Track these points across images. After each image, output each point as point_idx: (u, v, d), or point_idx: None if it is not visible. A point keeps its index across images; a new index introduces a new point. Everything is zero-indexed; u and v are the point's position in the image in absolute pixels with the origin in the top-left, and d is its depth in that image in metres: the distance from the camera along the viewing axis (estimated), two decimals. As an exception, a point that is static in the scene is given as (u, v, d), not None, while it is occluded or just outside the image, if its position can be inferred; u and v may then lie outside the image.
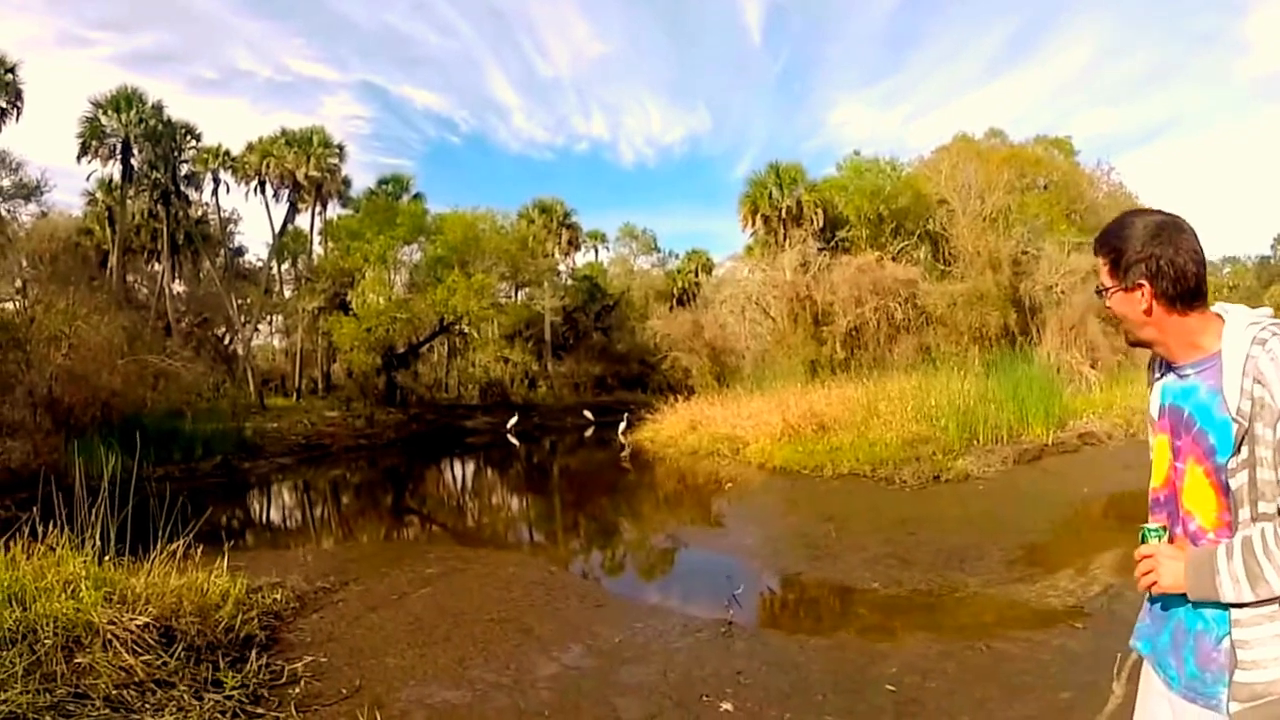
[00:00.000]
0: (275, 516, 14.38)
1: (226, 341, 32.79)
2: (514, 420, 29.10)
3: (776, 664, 4.66)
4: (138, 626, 4.58)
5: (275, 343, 37.46)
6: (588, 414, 30.59)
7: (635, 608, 6.13)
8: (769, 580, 6.93)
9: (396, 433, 27.57)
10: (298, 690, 4.49)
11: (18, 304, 18.33)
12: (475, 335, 35.85)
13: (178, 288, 31.66)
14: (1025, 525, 8.63)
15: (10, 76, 24.26)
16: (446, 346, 36.83)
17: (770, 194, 27.74)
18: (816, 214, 26.92)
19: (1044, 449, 13.27)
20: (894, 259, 24.48)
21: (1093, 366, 20.73)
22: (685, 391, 23.12)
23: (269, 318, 34.51)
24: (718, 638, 5.20)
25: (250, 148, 31.55)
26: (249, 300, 32.31)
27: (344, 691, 4.51)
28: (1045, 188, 28.50)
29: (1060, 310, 22.07)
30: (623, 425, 22.76)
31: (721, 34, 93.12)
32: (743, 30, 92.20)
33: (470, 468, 21.65)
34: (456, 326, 32.81)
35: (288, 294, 34.48)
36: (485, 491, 17.15)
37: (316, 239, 33.41)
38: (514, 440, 26.38)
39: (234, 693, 4.31)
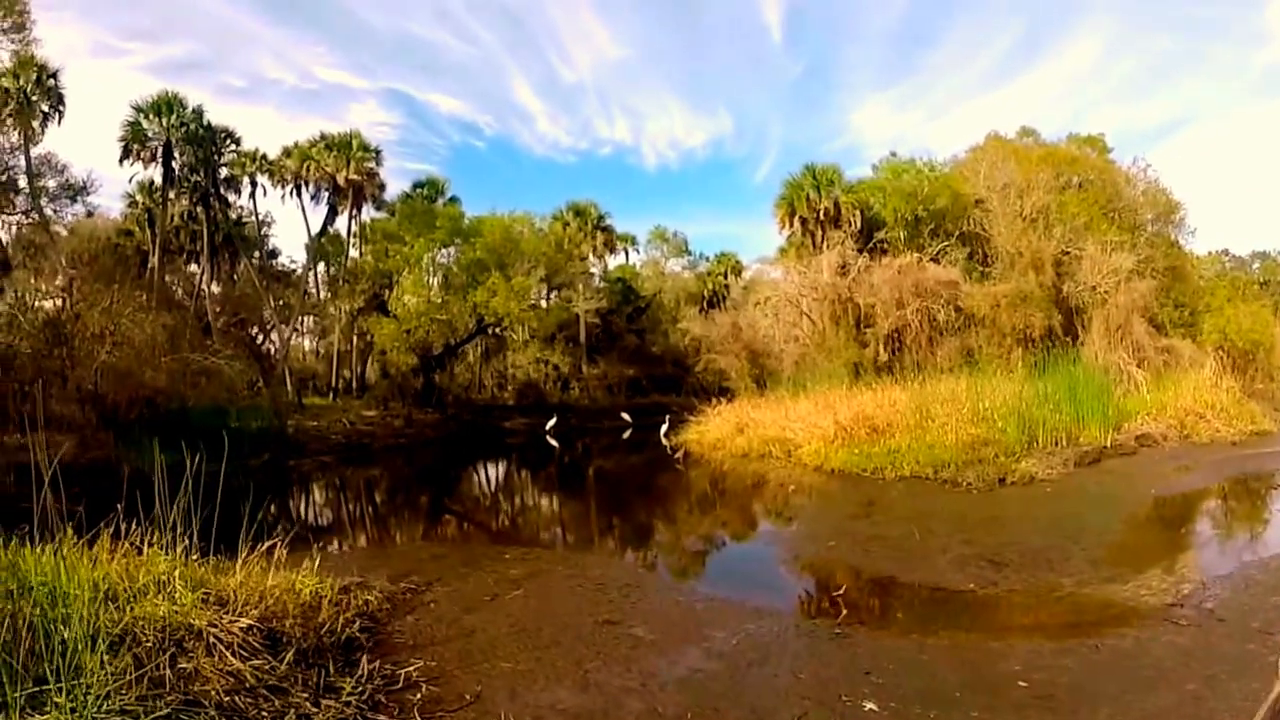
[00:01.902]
0: (334, 515, 14.57)
1: (260, 341, 33.43)
2: (553, 422, 29.30)
3: (901, 664, 4.79)
4: (240, 629, 4.54)
5: (306, 343, 37.90)
6: (625, 416, 30.70)
7: (737, 609, 6.22)
8: (865, 582, 7.05)
9: (435, 432, 27.93)
10: (418, 696, 4.45)
11: (62, 301, 18.76)
12: (513, 337, 36.16)
13: (214, 288, 32.27)
14: (1101, 526, 8.73)
15: (52, 82, 24.99)
16: (481, 348, 37.17)
17: (807, 196, 27.68)
18: (854, 216, 26.89)
19: (1103, 451, 13.32)
20: (934, 260, 24.46)
21: (1139, 367, 20.64)
22: (721, 394, 23.17)
23: (301, 318, 35.01)
24: (834, 639, 5.33)
25: (287, 152, 32.01)
26: (282, 302, 32.83)
27: (466, 697, 4.49)
28: (1080, 186, 28.24)
29: (1105, 310, 21.95)
30: (665, 427, 22.90)
31: (741, 35, 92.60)
32: (762, 31, 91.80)
33: (516, 468, 21.82)
34: (494, 329, 33.14)
35: (321, 295, 35.04)
36: (541, 492, 17.30)
37: (352, 241, 33.87)
38: (553, 441, 26.51)
39: (350, 699, 4.26)
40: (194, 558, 5.14)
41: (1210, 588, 6.19)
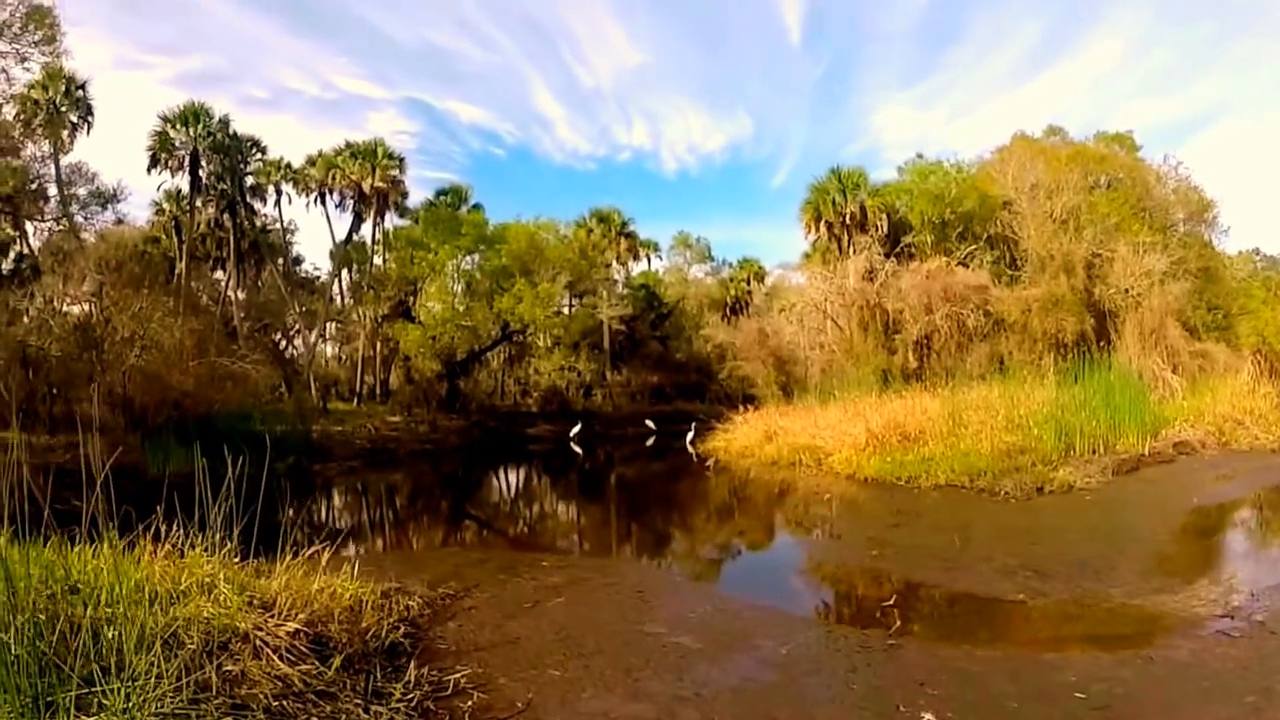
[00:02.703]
0: (364, 520, 14.69)
1: (284, 347, 33.82)
2: (577, 429, 29.28)
3: (955, 674, 4.79)
4: (287, 634, 4.55)
5: (328, 349, 38.26)
6: (649, 423, 30.74)
7: (784, 619, 6.26)
8: (911, 592, 7.05)
9: (460, 438, 28.15)
10: (468, 703, 4.45)
11: (91, 306, 19.15)
12: (537, 344, 36.36)
13: (239, 295, 32.58)
14: (1145, 536, 8.65)
15: (80, 93, 25.85)
16: (505, 354, 37.37)
17: (833, 200, 27.59)
18: (880, 219, 26.78)
19: (1141, 459, 13.20)
20: (962, 264, 24.31)
21: (1174, 372, 20.39)
22: (747, 402, 23.15)
23: (325, 324, 35.37)
24: (885, 649, 5.34)
25: (312, 160, 32.59)
26: (305, 308, 33.16)
27: (518, 705, 4.50)
28: (1109, 186, 27.90)
29: (1138, 314, 21.72)
30: (690, 435, 22.93)
31: (760, 37, 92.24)
32: (782, 32, 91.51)
33: (543, 475, 21.91)
34: (518, 335, 33.30)
35: (345, 302, 35.38)
36: (571, 499, 17.37)
37: (376, 248, 34.19)
38: (577, 448, 26.57)
39: (399, 705, 4.26)
40: (235, 561, 5.15)
41: (1259, 599, 6.13)
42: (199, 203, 30.51)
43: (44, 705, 3.47)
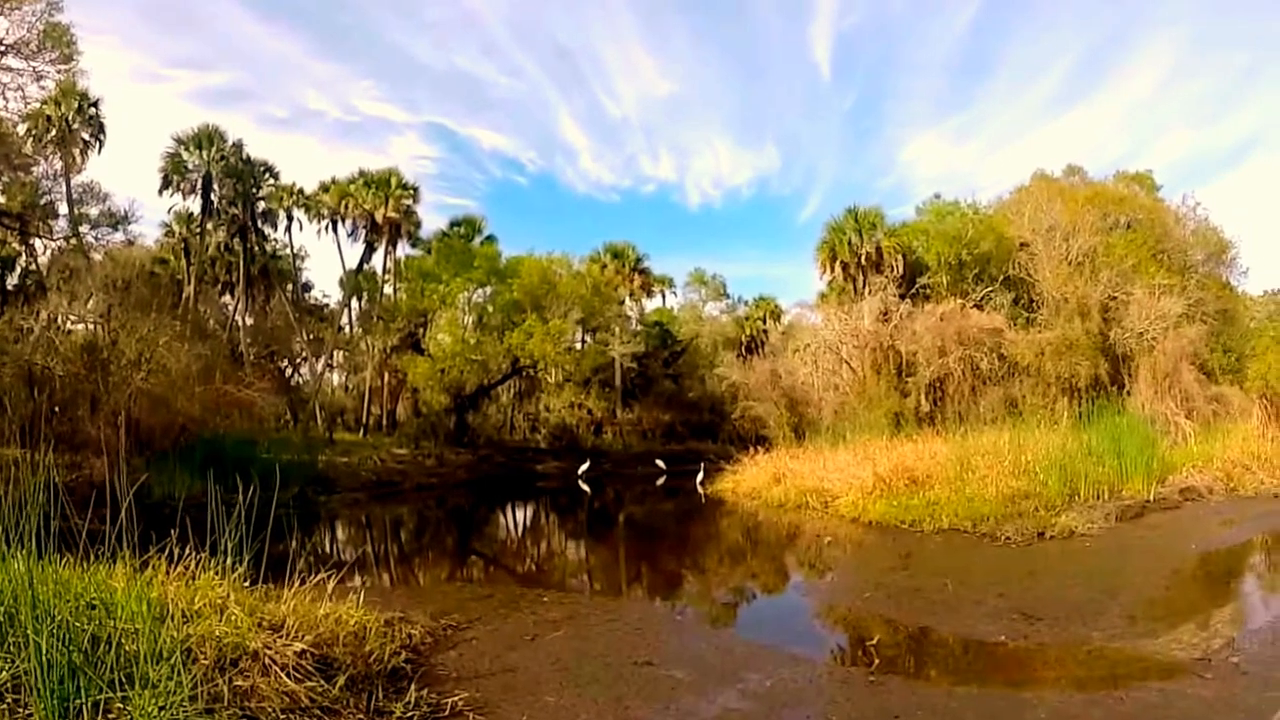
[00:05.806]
0: (369, 552, 14.90)
1: (290, 374, 34.00)
2: (586, 466, 29.11)
3: (931, 710, 4.96)
4: (294, 653, 4.87)
5: (335, 378, 38.32)
6: (660, 463, 30.41)
7: (772, 655, 6.41)
8: (899, 633, 7.20)
9: (467, 473, 28.07)
10: None
11: (99, 326, 19.24)
12: (548, 380, 36.31)
13: (247, 320, 32.88)
14: (1139, 582, 8.72)
15: (93, 111, 26.37)
16: (515, 389, 37.36)
17: (849, 240, 27.87)
18: (896, 260, 26.98)
19: (1146, 505, 13.20)
20: (977, 306, 24.40)
21: (1187, 417, 20.26)
22: (759, 442, 23.10)
23: (332, 353, 35.58)
24: (867, 685, 5.52)
25: (325, 187, 32.92)
26: (313, 336, 33.43)
27: None
28: (1128, 226, 27.97)
29: (1153, 358, 21.66)
30: (700, 476, 22.89)
31: (791, 71, 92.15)
32: (812, 66, 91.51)
33: (550, 512, 22.01)
34: (528, 370, 33.23)
35: (354, 331, 35.58)
36: (575, 537, 17.51)
37: (387, 278, 34.39)
38: (585, 487, 26.48)
39: None
40: (244, 585, 5.50)
41: (1239, 642, 6.25)
42: (210, 226, 30.84)
43: (72, 709, 3.78)
